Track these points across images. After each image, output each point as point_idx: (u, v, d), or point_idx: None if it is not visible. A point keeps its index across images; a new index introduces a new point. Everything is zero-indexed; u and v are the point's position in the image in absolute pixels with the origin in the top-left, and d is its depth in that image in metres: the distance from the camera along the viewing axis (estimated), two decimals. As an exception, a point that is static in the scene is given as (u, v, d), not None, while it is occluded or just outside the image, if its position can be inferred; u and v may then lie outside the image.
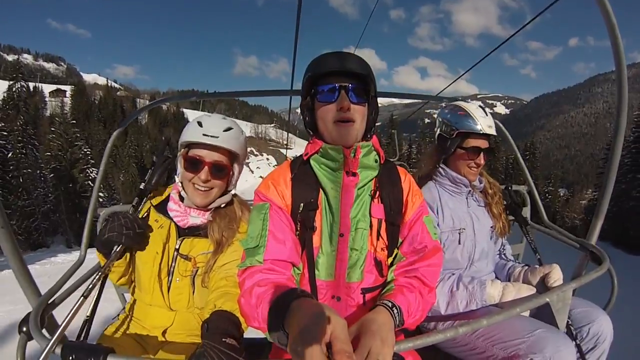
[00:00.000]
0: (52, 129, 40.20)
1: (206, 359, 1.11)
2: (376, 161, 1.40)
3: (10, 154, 30.56)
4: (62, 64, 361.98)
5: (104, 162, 2.47)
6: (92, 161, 38.38)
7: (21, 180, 30.77)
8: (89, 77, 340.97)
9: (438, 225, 1.95)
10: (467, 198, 2.06)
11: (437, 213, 1.97)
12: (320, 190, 1.40)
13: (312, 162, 1.41)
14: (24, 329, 1.32)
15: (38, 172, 33.58)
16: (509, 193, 2.35)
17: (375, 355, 0.90)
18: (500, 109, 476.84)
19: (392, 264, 1.43)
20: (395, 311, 1.19)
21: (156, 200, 1.83)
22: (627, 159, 26.56)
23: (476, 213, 2.06)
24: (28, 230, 29.16)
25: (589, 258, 1.92)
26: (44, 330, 1.32)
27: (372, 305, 1.30)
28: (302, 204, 1.37)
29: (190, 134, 1.61)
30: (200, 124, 1.61)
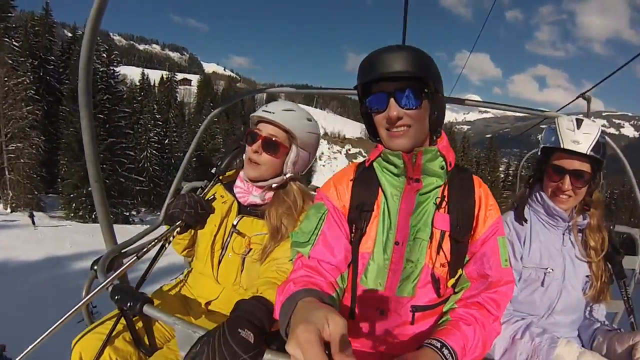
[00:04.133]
0: (199, 124, 48.07)
1: (200, 348, 1.04)
2: (442, 168, 1.28)
3: (167, 140, 37.08)
4: (185, 53, 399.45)
5: (197, 137, 2.64)
6: (223, 150, 46.74)
7: (172, 161, 37.39)
8: (209, 66, 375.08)
9: (522, 259, 1.72)
10: (563, 234, 1.75)
11: (524, 244, 1.73)
12: (380, 194, 1.33)
13: (375, 164, 1.35)
14: (95, 267, 1.53)
15: (182, 154, 40.21)
16: (610, 239, 1.81)
17: None
18: (628, 130, 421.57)
19: (454, 287, 1.30)
20: (445, 352, 1.07)
21: (227, 179, 1.94)
22: None
23: (571, 256, 1.73)
24: (175, 198, 37.67)
25: None
26: (111, 274, 1.48)
27: (421, 326, 1.27)
28: (357, 205, 1.32)
29: (256, 112, 1.69)
30: (266, 105, 1.70)
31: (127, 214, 27.04)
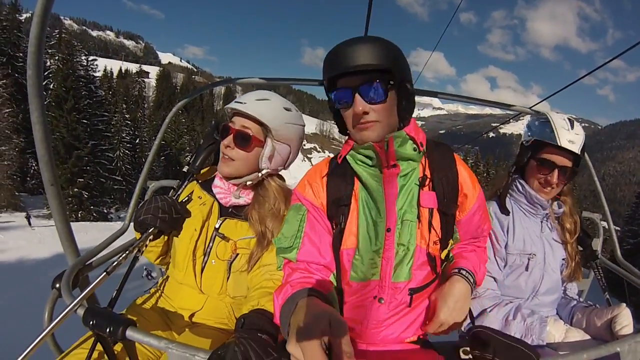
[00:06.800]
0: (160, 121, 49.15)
1: (237, 350, 1.02)
2: (415, 149, 1.26)
3: (137, 140, 38.12)
4: (141, 42, 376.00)
5: (162, 130, 2.45)
6: (187, 148, 47.82)
7: (143, 160, 38.78)
8: (165, 56, 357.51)
9: (506, 246, 1.78)
10: (542, 222, 1.84)
11: (507, 232, 1.80)
12: (357, 185, 1.30)
13: (348, 158, 1.30)
14: (57, 285, 1.35)
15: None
16: (580, 224, 1.92)
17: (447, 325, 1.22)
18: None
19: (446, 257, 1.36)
20: (464, 272, 1.27)
21: (202, 177, 1.79)
22: None
23: (549, 241, 1.82)
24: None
25: None
26: (75, 291, 1.33)
27: (417, 307, 1.29)
28: (333, 200, 1.30)
29: (230, 103, 1.57)
30: (242, 95, 1.56)
31: (106, 212, 28.42)
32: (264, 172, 1.60)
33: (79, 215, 25.28)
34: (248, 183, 1.61)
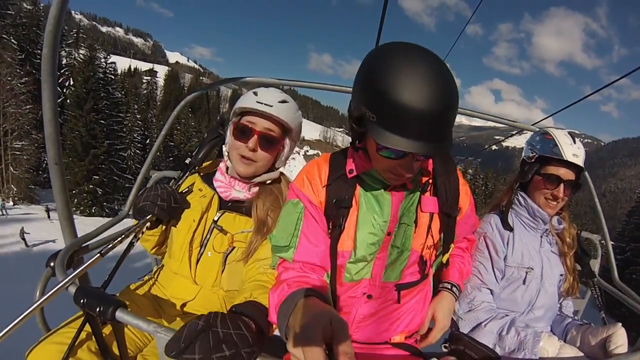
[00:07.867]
0: (178, 127, 49.64)
1: (211, 334, 0.95)
2: (421, 168, 1.29)
3: (147, 140, 39.22)
4: (149, 40, 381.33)
5: (170, 121, 2.46)
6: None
7: (153, 160, 40.36)
8: (172, 55, 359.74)
9: (505, 258, 1.79)
10: (541, 237, 1.85)
11: (507, 245, 1.80)
12: (358, 188, 1.29)
13: (362, 175, 1.28)
14: (51, 264, 1.35)
15: (160, 153, 42.48)
16: (578, 239, 1.94)
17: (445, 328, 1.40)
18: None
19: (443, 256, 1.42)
20: (455, 290, 1.43)
21: (204, 170, 1.81)
22: None
23: (548, 256, 1.84)
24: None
25: None
26: (69, 271, 1.32)
27: (406, 303, 1.35)
28: (334, 200, 1.27)
29: (244, 101, 1.56)
30: (255, 93, 1.56)
31: (117, 208, 29.58)
32: (280, 169, 1.68)
33: (93, 210, 26.49)
34: (268, 182, 1.65)
